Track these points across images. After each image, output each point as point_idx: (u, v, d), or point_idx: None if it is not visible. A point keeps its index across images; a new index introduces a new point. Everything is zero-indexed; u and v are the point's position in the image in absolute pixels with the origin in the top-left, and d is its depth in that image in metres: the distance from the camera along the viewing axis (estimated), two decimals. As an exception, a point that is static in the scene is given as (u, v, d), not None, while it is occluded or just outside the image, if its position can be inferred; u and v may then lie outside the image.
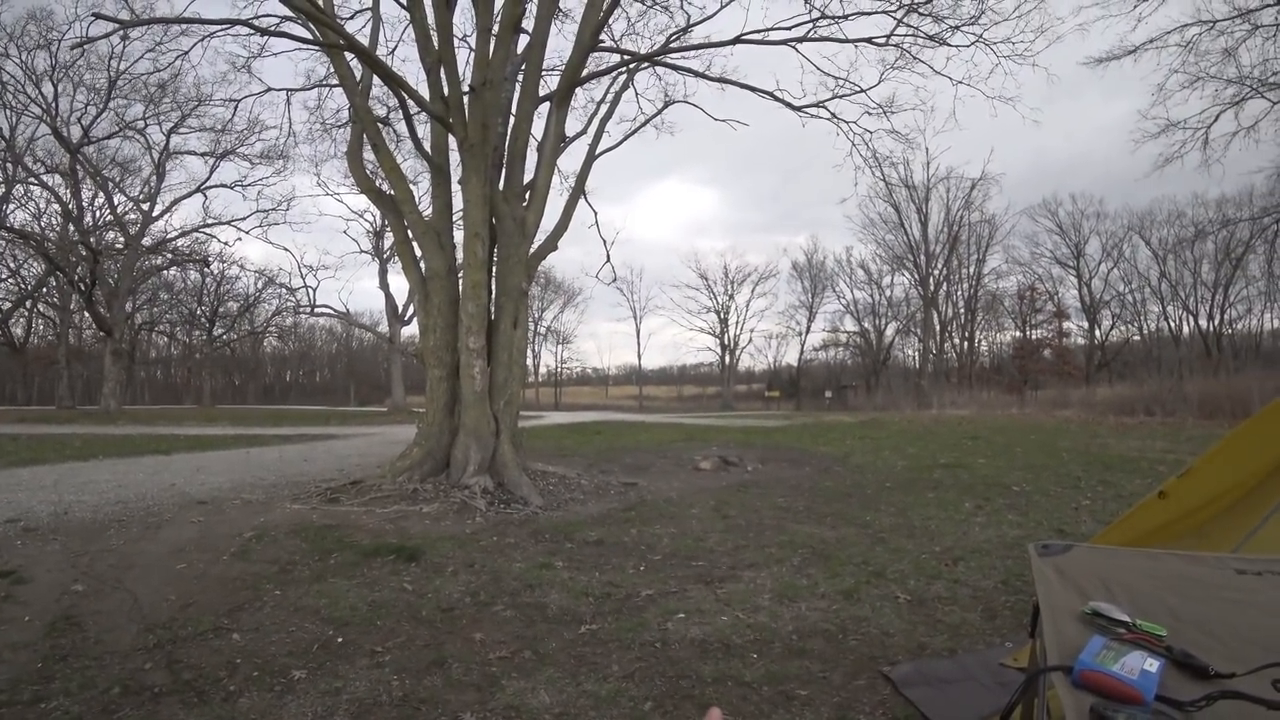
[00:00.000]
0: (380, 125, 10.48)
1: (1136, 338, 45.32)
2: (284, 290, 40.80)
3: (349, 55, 9.20)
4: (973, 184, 43.88)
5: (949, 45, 10.91)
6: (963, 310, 48.48)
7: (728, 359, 56.62)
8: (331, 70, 10.13)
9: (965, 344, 49.19)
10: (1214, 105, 18.92)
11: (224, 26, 8.76)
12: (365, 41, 10.21)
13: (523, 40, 10.04)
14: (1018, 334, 47.18)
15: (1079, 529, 6.49)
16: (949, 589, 4.68)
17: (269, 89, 12.34)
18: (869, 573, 5.05)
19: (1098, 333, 45.56)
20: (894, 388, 40.57)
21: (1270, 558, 2.01)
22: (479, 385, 8.45)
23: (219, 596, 4.49)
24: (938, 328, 47.05)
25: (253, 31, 8.79)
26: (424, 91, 9.15)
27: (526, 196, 9.65)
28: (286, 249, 73.29)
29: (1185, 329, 42.82)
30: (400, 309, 35.51)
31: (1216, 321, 41.14)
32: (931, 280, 45.97)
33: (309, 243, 55.05)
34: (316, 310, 39.47)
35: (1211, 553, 2.26)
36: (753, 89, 11.46)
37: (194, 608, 4.26)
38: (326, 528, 6.46)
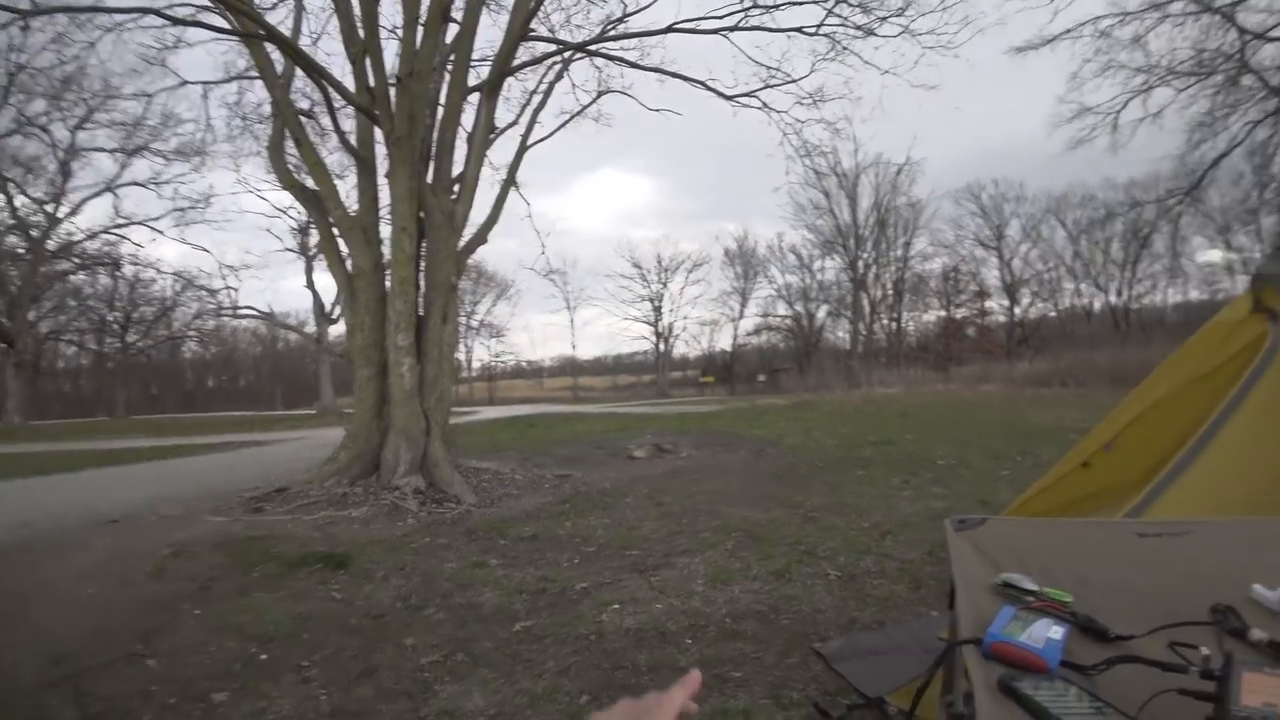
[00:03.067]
0: (303, 119, 10.06)
1: (1053, 314, 47.56)
2: (204, 292, 38.64)
3: (270, 46, 8.79)
4: (899, 169, 45.16)
5: (877, 35, 11.21)
6: (890, 292, 49.83)
7: (662, 347, 56.80)
8: (251, 62, 9.67)
9: (893, 325, 50.66)
10: (1124, 92, 20.43)
11: (134, 16, 8.27)
12: (287, 32, 9.78)
13: (452, 30, 9.79)
14: (943, 314, 48.86)
15: (999, 499, 6.72)
16: (877, 563, 4.80)
17: (185, 82, 11.56)
18: (800, 552, 5.14)
19: (1017, 310, 47.55)
20: (825, 369, 41.33)
21: (1168, 520, 2.10)
22: (408, 383, 8.25)
23: (132, 621, 4.25)
24: (867, 309, 48.34)
25: (166, 22, 8.32)
26: (349, 83, 8.82)
27: (456, 189, 9.43)
28: (205, 249, 68.93)
29: (1096, 305, 45.15)
30: (328, 308, 34.30)
31: (1124, 297, 43.45)
32: (860, 263, 47.26)
33: (230, 242, 52.58)
34: (239, 312, 37.81)
35: (1114, 519, 2.36)
36: (686, 79, 11.48)
37: (105, 634, 4.02)
38: (250, 539, 6.21)
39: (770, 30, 10.97)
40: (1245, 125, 20.17)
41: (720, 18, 10.82)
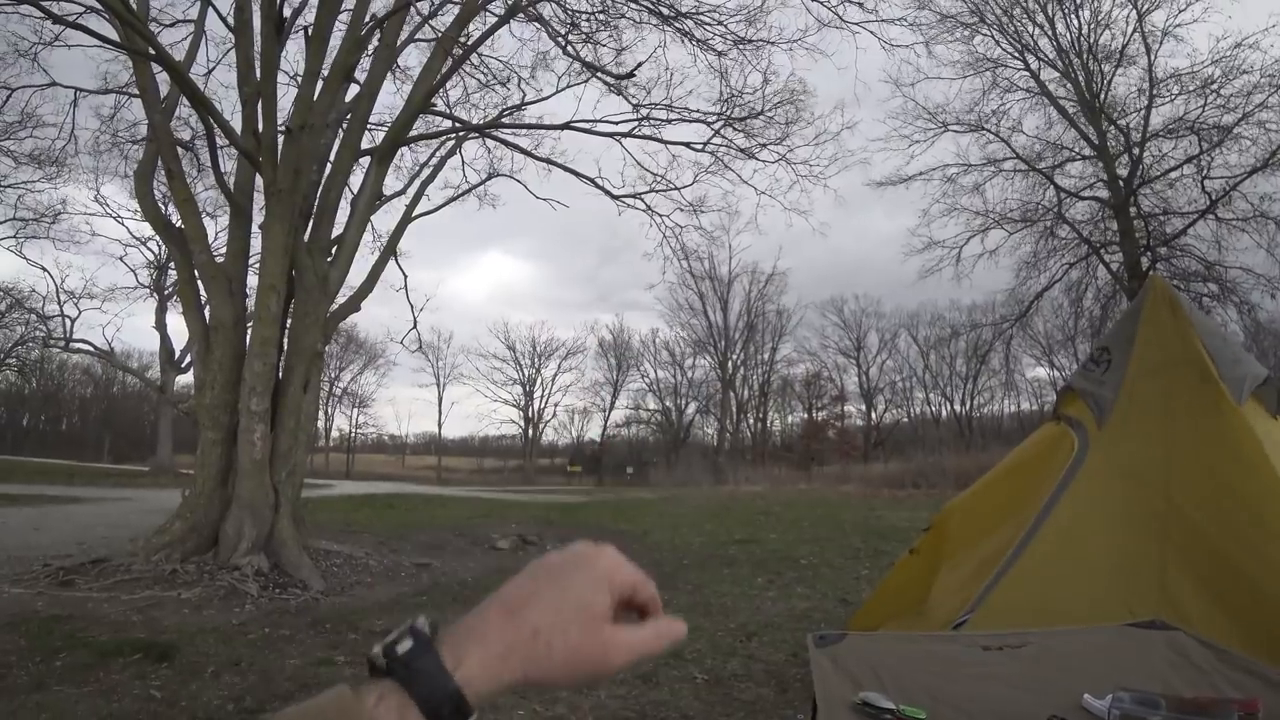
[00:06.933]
0: (180, 149, 9.53)
1: (905, 420, 51.78)
2: (33, 316, 34.04)
3: (157, 67, 8.36)
4: (768, 279, 48.37)
5: (756, 159, 12.30)
6: (757, 393, 52.46)
7: (531, 432, 56.24)
8: (134, 78, 9.14)
9: (759, 424, 53.20)
10: (965, 231, 23.31)
11: (8, 3, 7.69)
12: (182, 52, 9.33)
13: (353, 90, 9.71)
14: (805, 416, 51.69)
15: (860, 597, 6.97)
16: (744, 665, 4.82)
17: (54, 83, 10.73)
18: (666, 654, 5.08)
19: (874, 415, 51.34)
20: (693, 464, 42.31)
21: (1005, 632, 2.27)
22: (259, 453, 7.69)
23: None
24: (734, 408, 50.59)
25: (45, 17, 7.77)
26: (236, 124, 8.49)
27: (333, 252, 9.15)
28: (44, 269, 61.84)
29: (943, 412, 49.55)
30: (177, 355, 31.30)
31: (967, 406, 48.26)
32: (730, 364, 49.74)
33: (75, 265, 47.46)
34: (72, 345, 33.55)
35: (965, 632, 2.52)
36: (577, 174, 11.91)
37: None
38: (55, 619, 5.47)
39: (660, 141, 11.76)
40: (1062, 266, 23.38)
41: (615, 123, 11.47)
